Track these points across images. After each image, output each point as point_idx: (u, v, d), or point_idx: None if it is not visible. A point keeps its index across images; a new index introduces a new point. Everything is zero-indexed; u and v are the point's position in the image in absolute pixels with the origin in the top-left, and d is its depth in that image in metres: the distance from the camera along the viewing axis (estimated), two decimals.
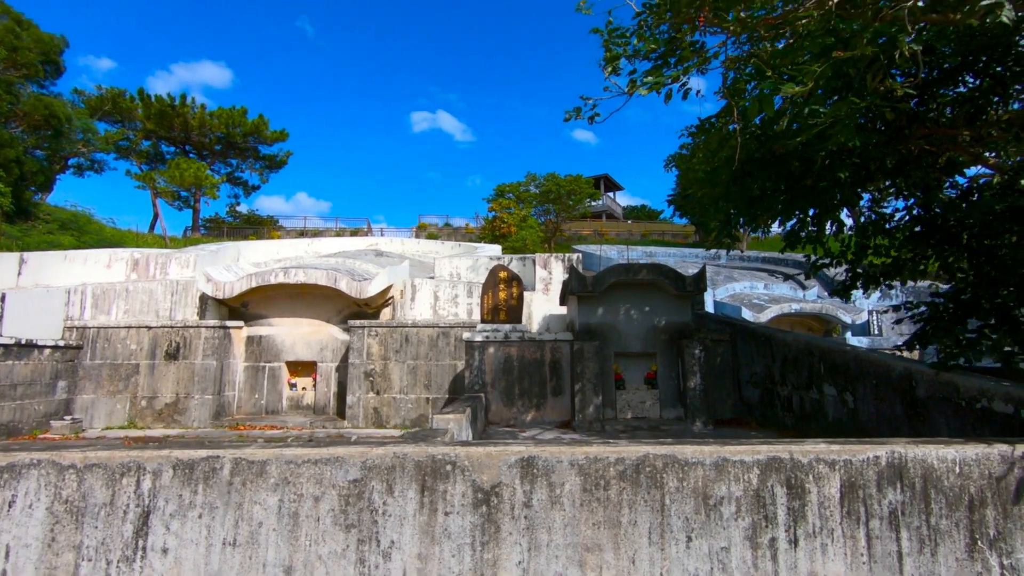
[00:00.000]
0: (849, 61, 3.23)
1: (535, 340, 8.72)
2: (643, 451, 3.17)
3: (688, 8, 3.95)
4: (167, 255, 15.06)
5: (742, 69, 4.93)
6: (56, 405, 11.85)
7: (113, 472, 3.14)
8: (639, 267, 8.16)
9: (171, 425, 12.28)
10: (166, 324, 12.71)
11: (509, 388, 8.65)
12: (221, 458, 3.16)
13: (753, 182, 6.29)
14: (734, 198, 6.43)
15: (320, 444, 3.37)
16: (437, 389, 12.51)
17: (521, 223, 26.63)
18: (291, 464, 3.15)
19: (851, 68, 3.33)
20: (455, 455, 3.16)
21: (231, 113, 37.41)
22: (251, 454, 3.17)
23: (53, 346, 11.73)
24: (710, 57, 4.40)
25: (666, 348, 8.27)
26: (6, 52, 18.51)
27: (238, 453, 3.17)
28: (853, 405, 6.16)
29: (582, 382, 7.68)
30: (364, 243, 24.10)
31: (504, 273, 9.24)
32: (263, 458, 3.16)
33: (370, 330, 12.75)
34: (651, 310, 8.32)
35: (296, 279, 13.32)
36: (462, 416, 5.03)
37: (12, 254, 12.62)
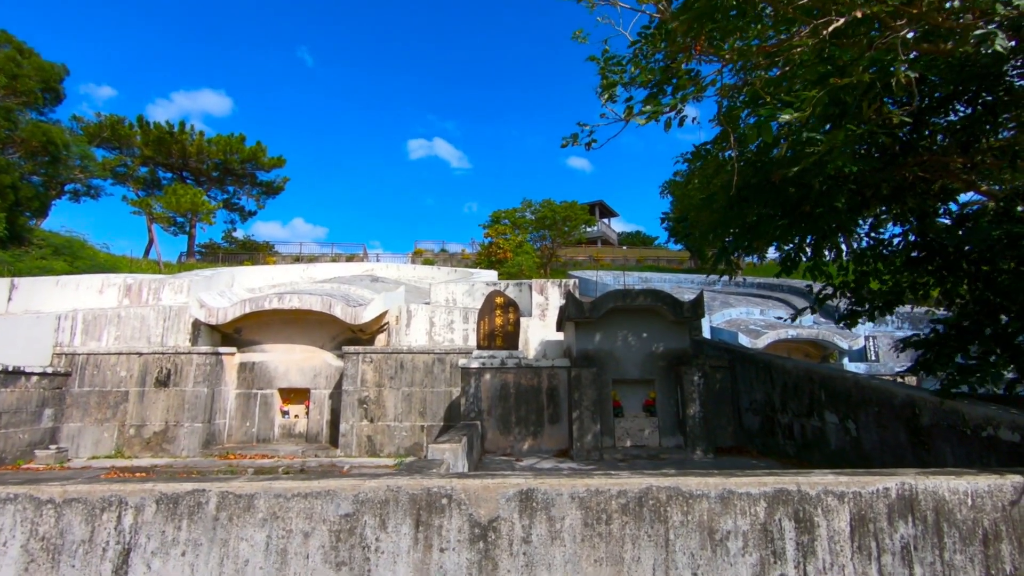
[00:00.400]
0: (845, 88, 3.25)
1: (532, 367, 8.60)
2: (646, 483, 3.07)
3: (684, 37, 3.98)
4: (160, 280, 14.94)
5: (736, 97, 4.97)
6: (42, 434, 11.58)
7: (93, 507, 3.01)
8: (636, 293, 8.11)
9: (159, 454, 12.00)
10: (157, 350, 12.52)
11: (505, 416, 8.50)
12: (207, 492, 3.03)
13: (749, 208, 6.30)
14: (731, 224, 6.43)
15: (311, 476, 3.25)
16: (432, 417, 12.31)
17: (517, 249, 26.69)
18: (280, 498, 3.03)
19: (847, 95, 3.35)
20: (451, 488, 3.05)
21: (229, 140, 37.71)
22: (239, 487, 3.05)
23: (41, 373, 11.52)
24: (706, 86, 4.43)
25: (664, 375, 8.17)
26: (6, 80, 18.66)
27: (225, 486, 3.05)
28: (856, 433, 6.06)
29: (580, 410, 7.55)
30: (360, 269, 24.06)
31: (500, 299, 9.17)
32: (251, 491, 3.04)
33: (364, 356, 12.59)
34: (649, 336, 8.25)
35: (290, 304, 13.21)
36: (458, 446, 4.90)
37: (2, 279, 12.48)
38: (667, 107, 3.65)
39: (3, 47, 20.41)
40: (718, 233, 6.54)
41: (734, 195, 5.98)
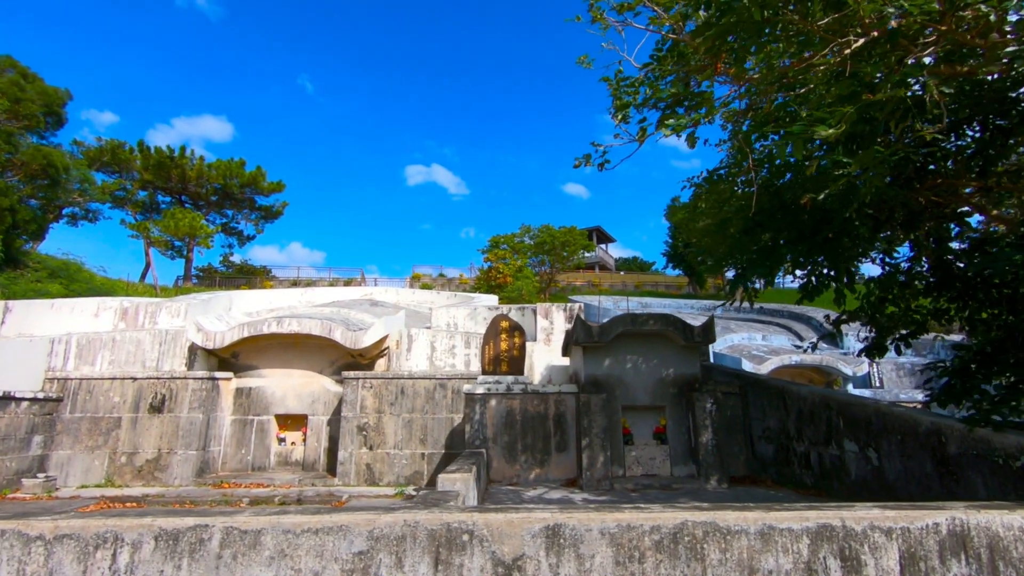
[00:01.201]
0: (874, 105, 3.17)
1: (538, 392, 8.39)
2: (680, 518, 2.87)
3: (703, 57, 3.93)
4: (157, 304, 14.72)
5: (756, 116, 4.91)
6: (30, 462, 11.21)
7: (87, 544, 2.79)
8: (646, 317, 7.96)
9: (151, 483, 11.62)
10: (152, 375, 12.25)
11: (512, 444, 8.25)
12: (210, 527, 2.82)
13: (764, 233, 6.20)
14: (746, 250, 6.32)
15: (321, 510, 3.04)
16: (433, 444, 12.00)
17: (517, 273, 26.61)
18: (289, 534, 2.82)
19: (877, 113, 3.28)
20: (472, 523, 2.85)
21: (229, 164, 37.86)
22: (244, 522, 2.84)
23: (31, 398, 11.22)
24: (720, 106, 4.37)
25: (675, 401, 7.96)
26: (8, 103, 18.72)
27: (229, 521, 2.84)
28: (878, 462, 5.86)
29: (589, 437, 7.32)
30: (358, 293, 23.88)
31: (506, 323, 9.01)
32: (257, 527, 2.83)
33: (364, 381, 12.34)
34: (659, 361, 8.07)
35: (289, 328, 12.99)
36: (469, 476, 4.68)
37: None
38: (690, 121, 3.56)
39: (7, 72, 20.54)
40: (734, 259, 6.42)
41: (749, 220, 5.88)
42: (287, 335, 13.20)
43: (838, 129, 2.96)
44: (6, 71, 20.46)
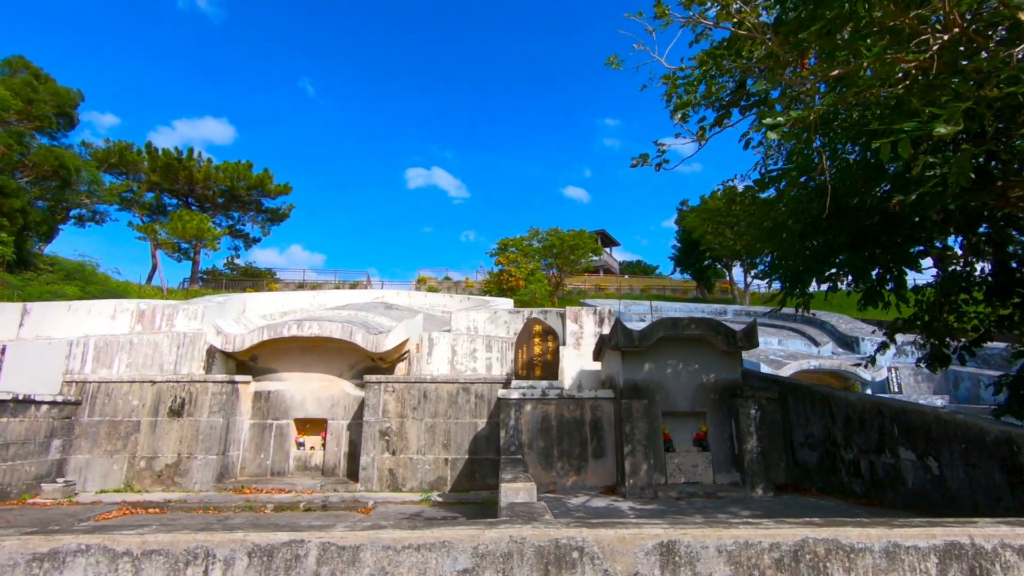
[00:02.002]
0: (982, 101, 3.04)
1: (574, 398, 8.24)
2: (800, 535, 2.72)
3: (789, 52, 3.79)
4: (174, 306, 14.57)
5: (851, 114, 4.77)
6: (48, 466, 11.05)
7: (176, 560, 2.64)
8: (688, 321, 7.83)
9: (171, 488, 11.45)
10: (171, 378, 12.09)
11: (547, 450, 8.09)
12: (306, 543, 2.67)
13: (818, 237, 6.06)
14: (798, 254, 6.17)
15: (418, 524, 2.89)
16: (457, 449, 11.85)
17: (529, 277, 26.45)
18: (389, 551, 2.67)
19: (985, 110, 3.15)
20: (582, 539, 2.70)
21: (236, 166, 37.76)
22: (341, 538, 2.69)
23: (51, 402, 11.06)
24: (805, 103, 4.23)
25: (716, 407, 7.82)
26: (22, 104, 18.62)
27: (326, 536, 2.70)
28: (938, 471, 5.71)
29: (632, 444, 7.17)
30: (370, 295, 23.72)
31: (539, 326, 8.86)
32: (356, 543, 2.69)
33: (386, 385, 12.18)
34: (699, 366, 7.92)
35: (310, 332, 12.84)
36: (532, 485, 4.53)
37: (14, 304, 12.10)
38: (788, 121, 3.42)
39: (19, 72, 20.43)
40: (786, 263, 6.28)
41: (808, 224, 5.74)
42: (306, 338, 13.05)
43: (955, 127, 2.83)
44: (18, 71, 20.37)
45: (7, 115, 18.23)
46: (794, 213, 5.91)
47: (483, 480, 11.72)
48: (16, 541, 2.61)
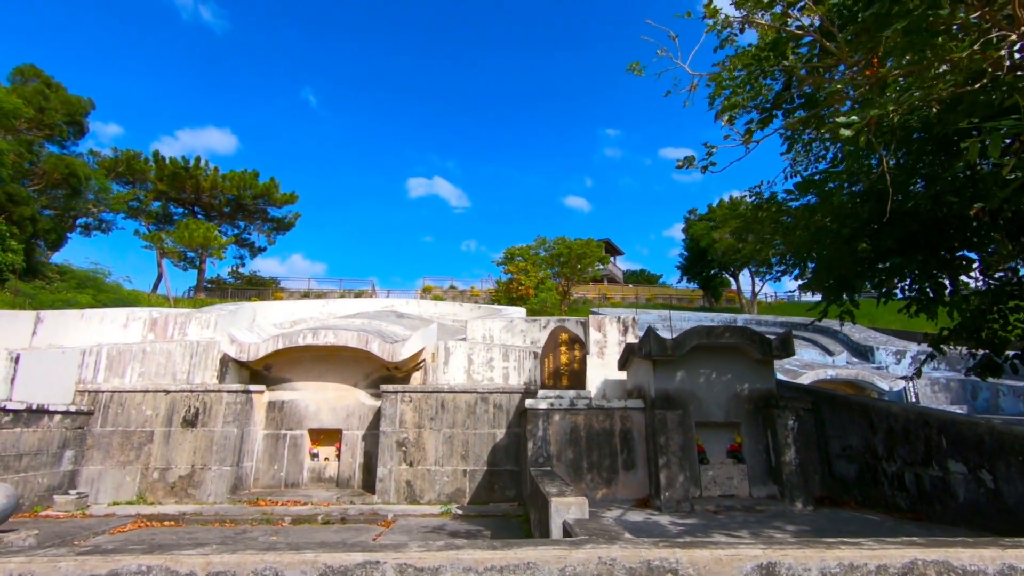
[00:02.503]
0: None
1: (603, 408, 8.06)
2: (908, 556, 2.54)
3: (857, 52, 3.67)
4: (187, 315, 14.42)
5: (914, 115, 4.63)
6: (61, 478, 10.84)
7: None
8: (722, 329, 7.66)
9: (184, 500, 11.23)
10: (185, 388, 11.91)
11: (577, 462, 7.89)
12: (382, 564, 2.50)
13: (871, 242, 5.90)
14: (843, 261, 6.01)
15: (495, 545, 2.71)
16: (475, 461, 11.64)
17: (539, 286, 26.29)
18: (471, 572, 2.49)
19: None
20: (676, 560, 2.52)
21: (243, 175, 37.77)
22: (419, 559, 2.52)
23: (63, 412, 10.88)
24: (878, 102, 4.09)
25: (751, 418, 7.62)
26: (33, 112, 18.59)
27: (402, 557, 2.52)
28: (993, 485, 5.52)
29: (667, 456, 6.97)
30: (379, 304, 23.56)
31: (565, 335, 8.69)
32: (435, 564, 2.51)
33: (403, 395, 11.99)
34: (732, 376, 7.74)
35: (325, 340, 12.68)
36: (584, 500, 4.35)
37: (28, 312, 11.95)
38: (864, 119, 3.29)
39: (30, 81, 20.44)
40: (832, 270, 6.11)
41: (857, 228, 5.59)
42: (321, 347, 12.88)
43: None
44: (30, 80, 20.37)
45: (18, 123, 18.20)
46: (840, 217, 5.76)
47: (502, 492, 11.50)
48: (73, 562, 2.44)
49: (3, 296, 14.70)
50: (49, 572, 2.42)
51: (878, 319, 26.93)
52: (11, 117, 16.69)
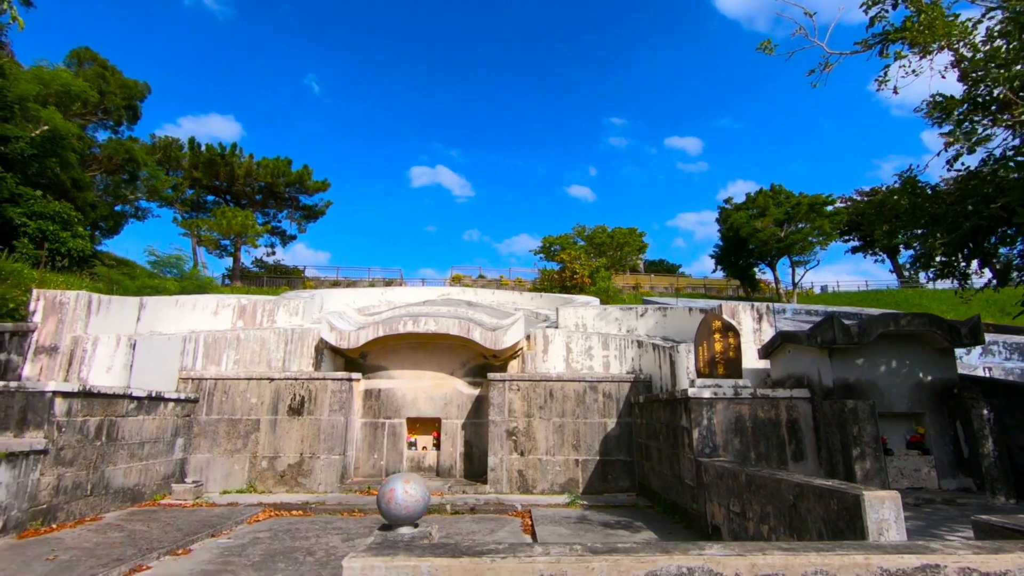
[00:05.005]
0: None
1: (768, 397, 7.82)
2: None
3: None
4: (275, 302, 14.22)
5: None
6: (173, 466, 10.69)
7: None
8: (909, 317, 7.39)
9: (295, 489, 11.07)
10: (289, 376, 11.71)
11: (744, 452, 7.67)
12: (943, 568, 2.25)
13: None
14: None
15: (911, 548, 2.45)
16: (587, 450, 11.44)
17: (594, 275, 26.02)
18: None
19: None
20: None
21: (276, 162, 37.44)
22: (981, 563, 2.26)
23: (175, 399, 10.70)
24: None
25: (935, 408, 7.37)
26: (97, 96, 18.28)
27: (961, 561, 2.26)
28: None
29: (860, 446, 6.73)
30: (434, 293, 23.32)
31: (718, 322, 8.44)
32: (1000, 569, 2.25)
33: (511, 384, 11.77)
34: (913, 364, 7.49)
35: (426, 328, 12.45)
36: (896, 494, 4.09)
37: (133, 299, 11.73)
38: None
39: (86, 64, 20.09)
40: None
41: None
42: (420, 335, 12.65)
43: None
44: (85, 63, 20.02)
45: (79, 108, 17.91)
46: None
47: (616, 482, 11.31)
48: (605, 562, 2.20)
49: (81, 281, 14.50)
50: (582, 572, 2.19)
51: None
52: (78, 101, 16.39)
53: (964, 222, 8.46)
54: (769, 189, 35.85)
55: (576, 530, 8.16)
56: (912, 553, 2.30)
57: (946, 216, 8.71)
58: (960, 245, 7.94)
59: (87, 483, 8.43)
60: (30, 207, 15.68)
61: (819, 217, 33.67)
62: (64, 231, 15.98)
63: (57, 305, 9.98)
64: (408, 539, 2.59)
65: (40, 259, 14.40)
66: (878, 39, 9.40)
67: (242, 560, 6.63)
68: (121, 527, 7.96)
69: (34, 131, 16.89)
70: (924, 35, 8.30)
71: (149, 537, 7.37)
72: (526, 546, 2.37)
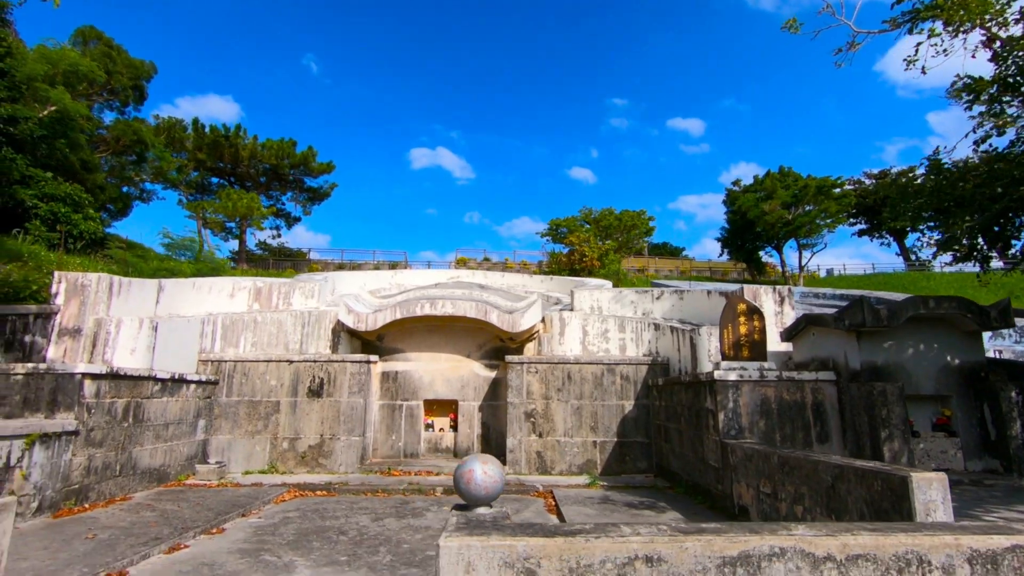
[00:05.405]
0: None
1: (793, 380, 7.85)
2: None
3: None
4: (290, 285, 14.22)
5: None
6: (195, 447, 10.79)
7: (886, 567, 2.24)
8: (939, 299, 7.39)
9: (315, 470, 11.19)
10: (308, 358, 11.76)
11: (769, 434, 7.72)
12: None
13: None
14: None
15: None
16: (605, 432, 11.53)
17: (603, 258, 25.97)
18: None
19: None
20: None
21: (281, 144, 37.16)
22: None
23: (197, 381, 10.76)
24: None
25: (962, 391, 7.42)
26: (105, 76, 18.06)
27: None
28: None
29: (889, 428, 6.78)
30: (443, 276, 23.31)
31: (743, 305, 8.44)
32: None
33: (529, 366, 11.82)
34: (940, 347, 7.51)
35: (444, 311, 12.47)
36: (943, 476, 4.12)
37: (152, 281, 11.73)
38: None
39: (91, 43, 19.81)
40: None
41: None
42: (437, 317, 12.68)
43: None
44: (90, 42, 19.74)
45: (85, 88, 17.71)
46: None
47: (634, 464, 11.42)
48: (698, 542, 2.22)
49: (96, 263, 14.49)
50: (676, 552, 2.21)
51: None
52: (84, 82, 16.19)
53: (992, 204, 8.41)
54: (777, 172, 35.58)
55: (601, 510, 8.26)
56: (1001, 534, 2.31)
57: (973, 198, 8.64)
58: (988, 227, 7.90)
59: (116, 464, 8.52)
60: (41, 189, 15.60)
61: (827, 200, 33.50)
62: (75, 213, 15.92)
63: (79, 287, 9.97)
64: (491, 519, 2.61)
65: (54, 241, 14.37)
66: (907, 17, 9.25)
67: (276, 539, 6.72)
68: (152, 507, 8.06)
69: (41, 111, 16.74)
70: (958, 14, 8.15)
71: (181, 516, 7.47)
72: (614, 526, 2.39)
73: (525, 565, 2.17)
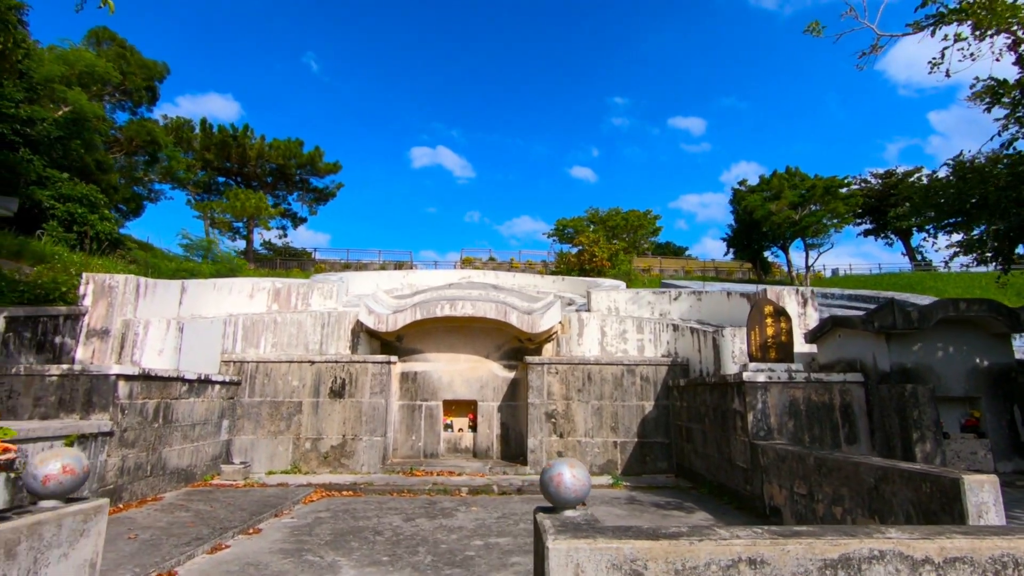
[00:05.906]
0: None
1: (822, 381, 7.91)
2: None
3: None
4: (308, 286, 14.29)
5: None
6: (220, 447, 10.85)
7: (984, 570, 2.30)
8: (969, 301, 7.46)
9: (338, 470, 11.25)
10: (330, 359, 11.82)
11: (797, 435, 7.78)
12: None
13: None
14: None
15: None
16: (625, 432, 11.59)
17: (613, 258, 26.02)
18: None
19: None
20: None
21: (288, 144, 37.22)
22: None
23: (221, 381, 10.82)
24: None
25: (991, 392, 7.48)
26: (120, 77, 18.12)
27: None
28: None
29: (921, 430, 6.84)
30: (456, 276, 23.40)
31: (769, 307, 8.50)
32: None
33: (549, 367, 11.89)
34: (969, 349, 7.58)
35: (463, 312, 12.54)
36: (995, 478, 4.18)
37: (175, 282, 11.80)
38: None
39: (104, 44, 19.88)
40: None
41: None
42: (456, 318, 12.74)
43: None
44: (104, 43, 19.81)
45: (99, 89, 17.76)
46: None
47: (654, 464, 11.49)
48: (799, 545, 2.28)
49: (116, 264, 14.55)
50: (779, 555, 2.27)
51: None
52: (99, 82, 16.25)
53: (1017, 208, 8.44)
54: (784, 172, 35.62)
55: (630, 511, 8.32)
56: None
57: (998, 202, 8.68)
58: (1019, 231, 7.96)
59: (147, 464, 8.59)
60: (58, 189, 15.66)
61: (834, 200, 33.54)
62: (92, 214, 15.98)
63: (107, 289, 10.04)
64: (584, 521, 2.67)
65: (71, 242, 14.43)
66: (931, 20, 9.29)
67: (314, 539, 6.78)
68: (184, 507, 8.13)
69: (56, 112, 16.80)
70: (985, 18, 8.19)
71: (216, 517, 7.53)
72: (714, 528, 2.45)
73: (632, 567, 2.23)
